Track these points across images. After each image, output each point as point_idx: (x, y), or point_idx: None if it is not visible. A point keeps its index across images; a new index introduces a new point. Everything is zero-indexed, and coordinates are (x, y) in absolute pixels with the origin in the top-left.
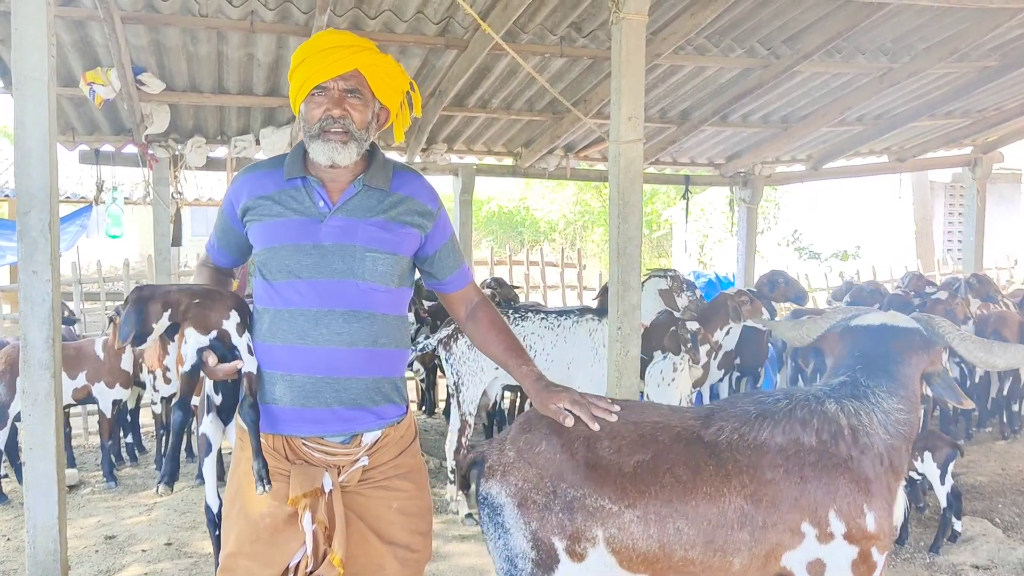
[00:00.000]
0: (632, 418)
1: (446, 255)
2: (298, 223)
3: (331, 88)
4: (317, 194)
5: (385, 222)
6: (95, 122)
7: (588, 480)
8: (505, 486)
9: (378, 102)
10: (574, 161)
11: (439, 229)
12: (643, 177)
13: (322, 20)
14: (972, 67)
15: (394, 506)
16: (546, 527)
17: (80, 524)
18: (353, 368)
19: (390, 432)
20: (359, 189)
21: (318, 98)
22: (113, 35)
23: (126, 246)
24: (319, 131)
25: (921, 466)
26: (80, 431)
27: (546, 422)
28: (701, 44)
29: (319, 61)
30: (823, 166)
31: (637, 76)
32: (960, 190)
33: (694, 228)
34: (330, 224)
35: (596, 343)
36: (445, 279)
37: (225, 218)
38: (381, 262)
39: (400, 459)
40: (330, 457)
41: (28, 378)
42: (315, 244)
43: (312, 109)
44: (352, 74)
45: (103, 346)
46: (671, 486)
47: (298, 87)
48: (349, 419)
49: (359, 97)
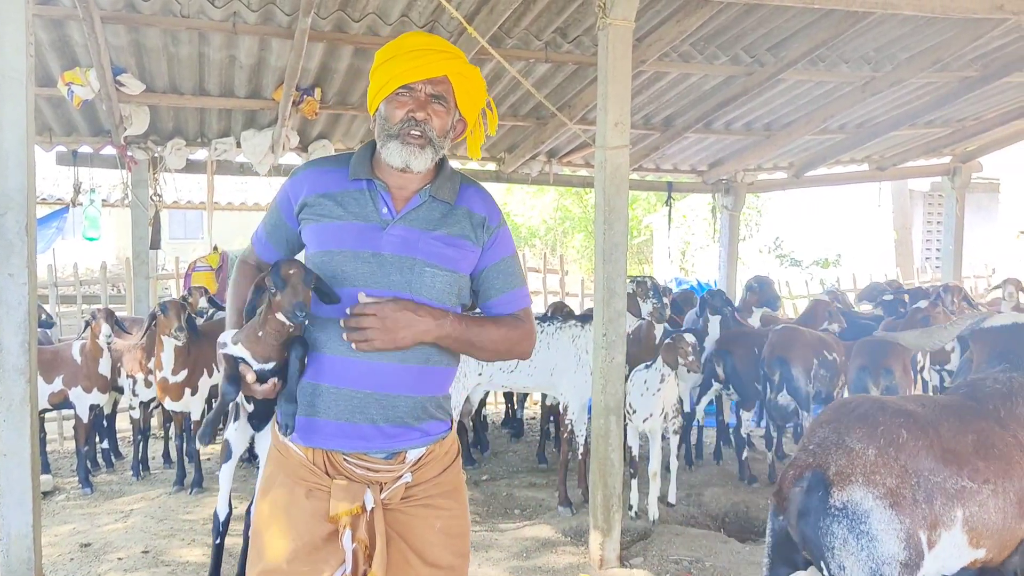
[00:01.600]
0: (930, 403)
1: (495, 275)
2: (359, 228)
3: (418, 90)
4: (382, 199)
5: (448, 237)
6: (73, 123)
7: (945, 463)
8: (872, 488)
9: (458, 112)
10: (557, 167)
11: (495, 246)
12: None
13: (306, 22)
14: (953, 77)
15: (437, 526)
16: (915, 521)
17: (55, 531)
18: (403, 386)
19: (435, 448)
20: (424, 200)
21: (402, 98)
22: (92, 35)
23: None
24: (399, 131)
25: None
26: (55, 436)
27: (881, 411)
28: (686, 51)
29: (409, 61)
30: (805, 174)
31: (624, 82)
32: (939, 199)
33: (676, 235)
34: (392, 233)
35: (579, 349)
36: (488, 300)
37: (279, 212)
38: (440, 278)
39: (443, 476)
40: (372, 473)
41: (3, 383)
42: (374, 252)
43: (394, 108)
44: (441, 79)
45: (80, 350)
46: (1001, 458)
47: (381, 84)
48: (393, 436)
49: (443, 104)
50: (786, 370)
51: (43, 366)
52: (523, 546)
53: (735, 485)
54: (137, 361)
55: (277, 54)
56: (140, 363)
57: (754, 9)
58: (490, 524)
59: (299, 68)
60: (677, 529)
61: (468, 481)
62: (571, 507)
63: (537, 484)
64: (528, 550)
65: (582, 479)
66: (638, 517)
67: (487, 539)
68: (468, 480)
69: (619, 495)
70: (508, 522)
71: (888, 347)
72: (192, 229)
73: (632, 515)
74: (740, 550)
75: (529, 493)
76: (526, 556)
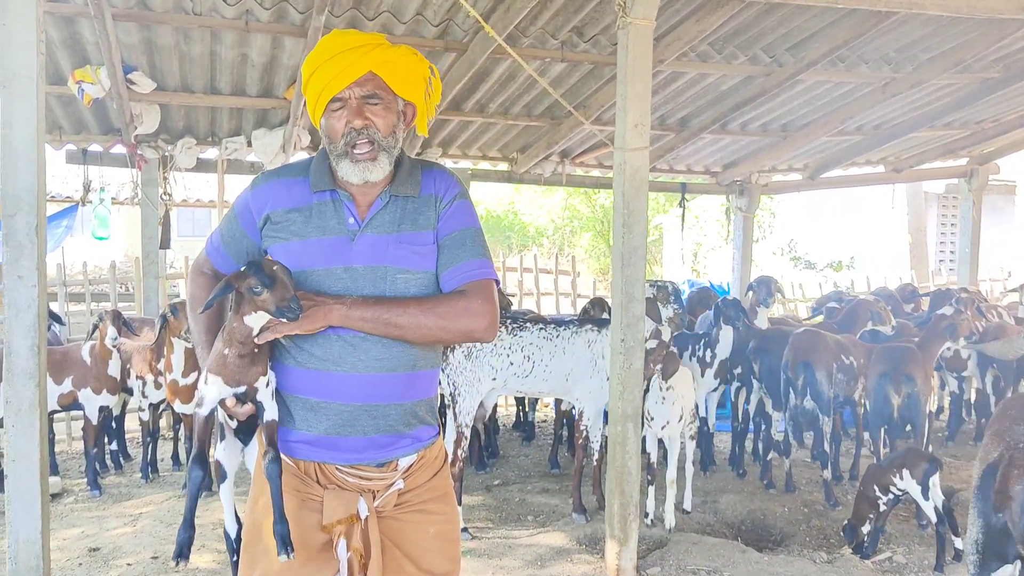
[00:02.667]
0: None
1: (444, 249)
2: (328, 243)
3: (348, 98)
4: (347, 209)
5: (412, 234)
6: (83, 121)
7: None
8: None
9: (401, 99)
10: (570, 167)
11: (445, 219)
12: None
13: (319, 21)
14: (974, 78)
15: (431, 531)
16: None
17: (63, 535)
18: (391, 395)
19: (425, 454)
20: (386, 201)
21: (337, 111)
22: (103, 33)
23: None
24: (345, 149)
25: (901, 483)
26: (63, 437)
27: None
28: (704, 51)
29: (329, 70)
30: (820, 175)
31: (644, 82)
32: (953, 201)
33: (688, 236)
34: (360, 243)
35: (595, 354)
36: (440, 276)
37: (238, 224)
38: (413, 283)
39: (434, 481)
40: (365, 481)
41: (12, 387)
42: (346, 267)
43: (332, 124)
44: (367, 78)
45: (90, 351)
46: None
47: (314, 102)
48: (385, 445)
49: (379, 100)
50: (810, 374)
51: (53, 367)
52: (537, 554)
53: (751, 492)
54: (147, 363)
55: (290, 53)
56: (150, 364)
57: (775, 8)
58: (503, 531)
59: None
60: (694, 538)
61: (480, 486)
62: (585, 514)
63: (550, 490)
64: (543, 558)
65: (596, 485)
66: (654, 525)
67: (500, 547)
68: (480, 485)
69: (636, 504)
70: (521, 529)
71: (909, 354)
72: (201, 227)
73: (648, 523)
74: (759, 560)
75: (542, 499)
76: (541, 565)
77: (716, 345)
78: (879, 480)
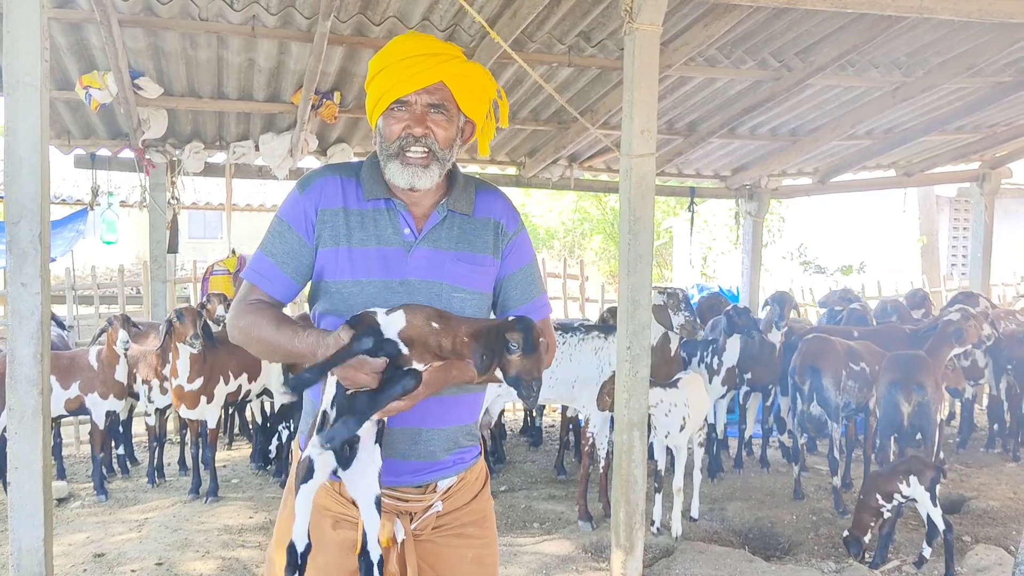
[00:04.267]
0: None
1: (513, 285)
2: (386, 254)
3: (413, 103)
4: (403, 219)
5: (472, 255)
6: (91, 126)
7: None
8: None
9: (463, 115)
10: (578, 171)
11: (513, 254)
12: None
13: (325, 26)
14: (986, 82)
15: (469, 556)
16: None
17: (68, 540)
18: (435, 419)
19: (466, 475)
20: (444, 215)
21: (398, 113)
22: (110, 38)
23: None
24: (398, 150)
25: (908, 490)
26: (71, 440)
27: None
28: (712, 55)
29: (400, 71)
30: (830, 180)
31: (650, 88)
32: (965, 204)
33: (697, 239)
34: (416, 256)
35: (601, 361)
36: (507, 311)
37: (294, 234)
38: (469, 303)
39: (474, 504)
40: (402, 503)
41: (15, 395)
42: (403, 280)
43: (391, 125)
44: (437, 87)
45: (97, 356)
46: None
47: (375, 100)
48: (420, 470)
49: (443, 112)
50: (816, 380)
51: (60, 371)
52: (542, 562)
53: (759, 499)
54: (153, 368)
55: (296, 57)
56: (156, 369)
57: (783, 13)
58: (509, 539)
59: (318, 72)
60: (700, 546)
61: None
62: (591, 521)
63: (556, 496)
64: (548, 567)
65: (603, 492)
66: (660, 533)
67: (506, 554)
68: None
69: (642, 512)
70: (527, 536)
71: (920, 361)
72: (212, 229)
73: (654, 531)
74: (766, 569)
75: (548, 506)
76: (546, 573)
77: (724, 352)
78: (882, 488)
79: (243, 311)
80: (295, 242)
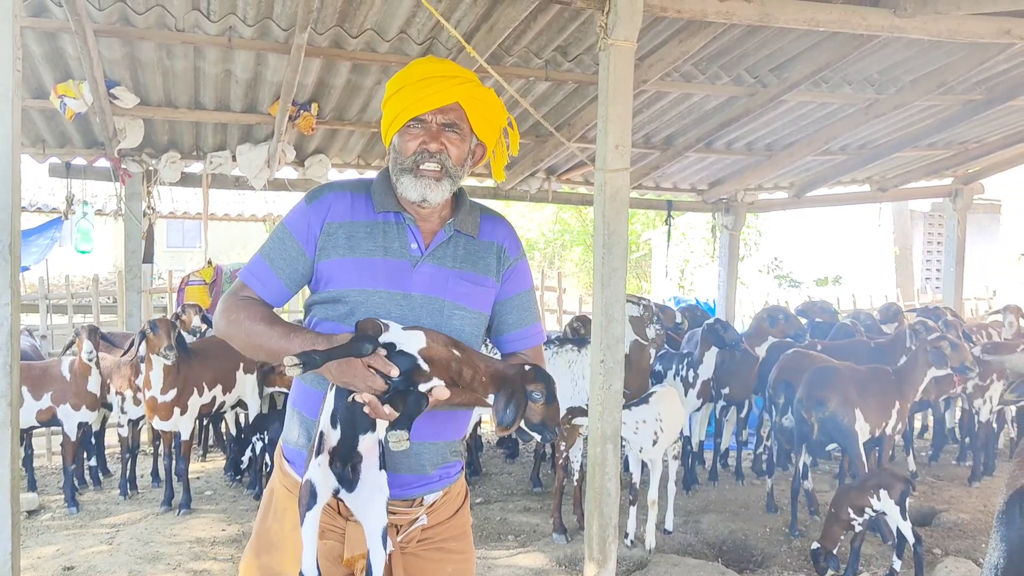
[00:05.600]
0: None
1: (510, 309)
2: (392, 266)
3: (429, 121)
4: (411, 234)
5: (474, 275)
6: (66, 135)
7: None
8: None
9: (475, 137)
10: (556, 184)
11: (512, 279)
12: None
13: (302, 38)
14: (957, 100)
15: (449, 570)
16: None
17: (38, 553)
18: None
19: (449, 490)
20: (450, 234)
21: (414, 130)
22: (85, 48)
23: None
24: (412, 165)
25: (878, 504)
26: (43, 452)
27: None
28: (688, 71)
29: (418, 91)
30: (805, 194)
31: (625, 104)
32: (939, 219)
33: (675, 252)
34: (421, 271)
35: (575, 375)
36: (501, 335)
37: (295, 243)
38: (468, 321)
39: (455, 519)
40: (390, 516)
41: None
42: (405, 294)
43: (407, 141)
44: (452, 107)
45: (70, 367)
46: None
47: (392, 117)
48: (408, 484)
49: (457, 131)
50: (790, 393)
51: (31, 382)
52: (516, 575)
53: (733, 511)
54: (126, 378)
55: (273, 69)
56: (129, 380)
57: (757, 30)
58: (483, 551)
59: (295, 83)
60: (674, 559)
61: None
62: (566, 534)
63: (532, 508)
64: None
65: (577, 504)
66: (634, 545)
67: (480, 567)
68: None
69: (615, 525)
70: (502, 549)
71: (828, 377)
72: (190, 238)
73: (628, 543)
74: None
75: (523, 518)
76: None
77: (699, 365)
78: (853, 502)
79: (234, 304)
80: (294, 251)
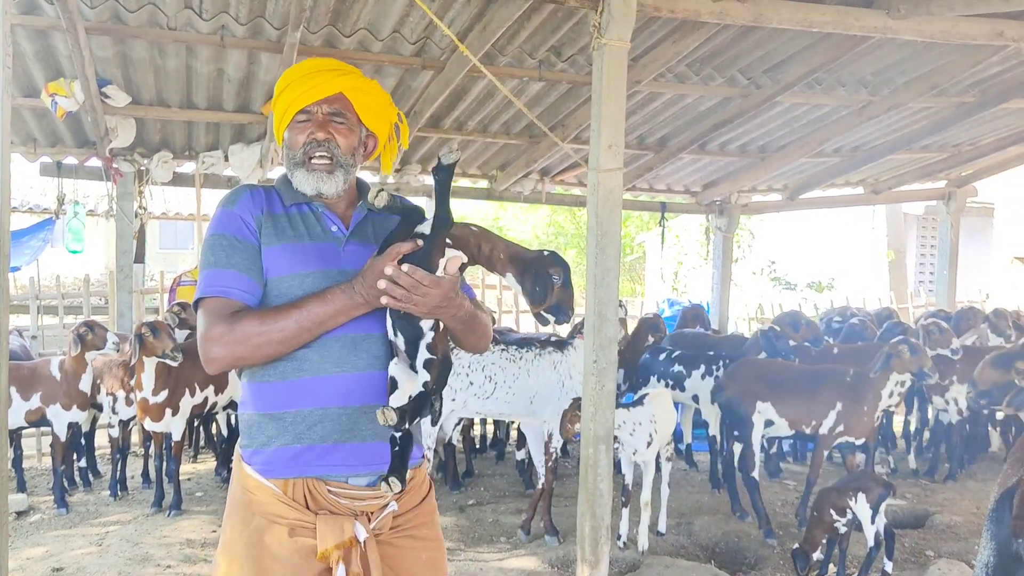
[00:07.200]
0: None
1: None
2: (319, 248)
3: (314, 112)
4: (329, 219)
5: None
6: (58, 134)
7: None
8: None
9: (364, 128)
10: (550, 185)
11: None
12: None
13: (295, 37)
14: (950, 102)
15: (423, 557)
16: None
17: (27, 554)
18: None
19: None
20: (364, 214)
21: (301, 123)
22: (77, 46)
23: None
24: (304, 158)
25: (854, 506)
26: (32, 452)
27: None
28: (682, 72)
29: (301, 85)
30: (799, 196)
31: (618, 104)
32: (933, 222)
33: (669, 254)
34: (348, 249)
35: (561, 375)
36: None
37: (245, 240)
38: None
39: (423, 506)
40: (357, 503)
41: None
42: (340, 270)
43: (296, 135)
44: (336, 97)
45: (59, 366)
46: None
47: (281, 114)
48: (376, 454)
49: (344, 121)
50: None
51: (21, 383)
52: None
53: (726, 513)
54: (118, 379)
55: (266, 68)
56: (121, 381)
57: (751, 31)
58: (474, 553)
59: None
60: (667, 560)
61: (454, 505)
62: (558, 536)
63: (524, 510)
64: None
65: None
66: (627, 547)
67: (471, 570)
68: (454, 504)
69: (608, 527)
70: (493, 551)
71: (739, 369)
72: (183, 239)
73: (621, 545)
74: None
75: (515, 520)
76: None
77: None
78: (835, 503)
79: (234, 322)
80: (249, 248)
